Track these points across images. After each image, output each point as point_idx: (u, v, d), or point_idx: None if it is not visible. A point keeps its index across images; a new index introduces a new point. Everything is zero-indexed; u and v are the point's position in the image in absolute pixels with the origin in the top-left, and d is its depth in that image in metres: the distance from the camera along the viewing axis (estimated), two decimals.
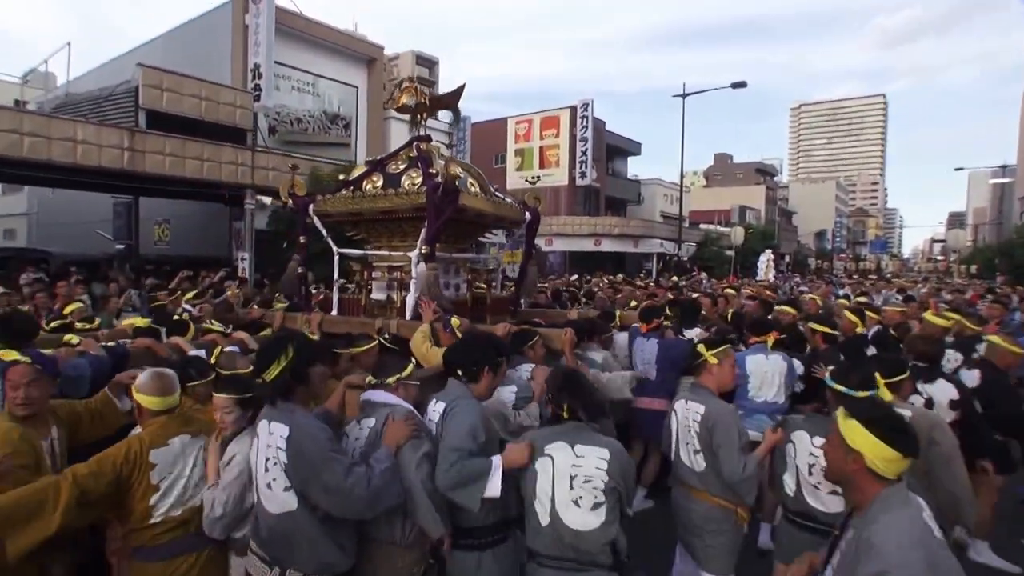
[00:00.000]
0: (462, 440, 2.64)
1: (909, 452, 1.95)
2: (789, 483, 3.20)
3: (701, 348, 3.59)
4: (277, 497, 2.48)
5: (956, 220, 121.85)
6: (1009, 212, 61.01)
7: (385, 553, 2.64)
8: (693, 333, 5.80)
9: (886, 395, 3.21)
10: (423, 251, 4.52)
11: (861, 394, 2.93)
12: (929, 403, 3.93)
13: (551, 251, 32.65)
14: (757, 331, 5.22)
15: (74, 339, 3.96)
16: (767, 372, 4.96)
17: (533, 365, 4.00)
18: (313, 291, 6.57)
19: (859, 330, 6.05)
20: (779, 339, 5.08)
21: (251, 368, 3.25)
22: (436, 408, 2.87)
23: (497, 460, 2.64)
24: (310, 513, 2.46)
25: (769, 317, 6.48)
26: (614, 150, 41.63)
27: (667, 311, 6.68)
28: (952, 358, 5.14)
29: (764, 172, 73.84)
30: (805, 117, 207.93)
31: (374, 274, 5.29)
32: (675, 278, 19.23)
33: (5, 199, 29.28)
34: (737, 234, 34.83)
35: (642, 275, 25.97)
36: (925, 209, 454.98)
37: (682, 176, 28.90)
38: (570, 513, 2.62)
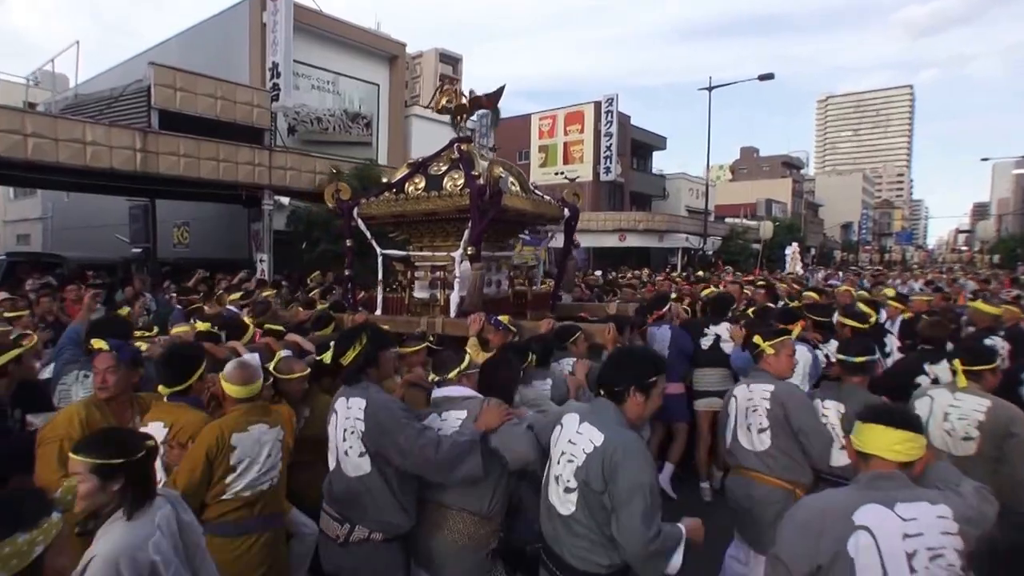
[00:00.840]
0: (655, 502, 2.33)
1: (866, 418, 2.08)
2: None
3: (757, 339, 3.65)
4: (352, 461, 2.87)
5: (981, 211, 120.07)
6: None
7: (468, 522, 2.86)
8: (722, 328, 5.84)
9: (962, 381, 3.28)
10: (468, 251, 4.57)
11: (858, 359, 3.45)
12: (935, 382, 4.10)
13: (575, 246, 31.96)
14: (783, 321, 5.03)
15: (144, 347, 4.04)
16: None
17: (575, 359, 4.24)
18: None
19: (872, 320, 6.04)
20: (816, 323, 5.26)
21: (308, 371, 3.69)
22: (582, 429, 2.49)
23: (683, 532, 2.40)
24: (380, 477, 2.81)
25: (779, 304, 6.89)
26: (639, 145, 40.89)
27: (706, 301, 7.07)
28: (1000, 346, 5.10)
29: (790, 165, 72.41)
30: (832, 109, 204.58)
31: (417, 274, 5.40)
32: (700, 272, 18.74)
33: (19, 204, 28.95)
34: (766, 228, 33.92)
35: (668, 269, 25.35)
36: (951, 200, 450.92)
37: (708, 170, 28.34)
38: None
